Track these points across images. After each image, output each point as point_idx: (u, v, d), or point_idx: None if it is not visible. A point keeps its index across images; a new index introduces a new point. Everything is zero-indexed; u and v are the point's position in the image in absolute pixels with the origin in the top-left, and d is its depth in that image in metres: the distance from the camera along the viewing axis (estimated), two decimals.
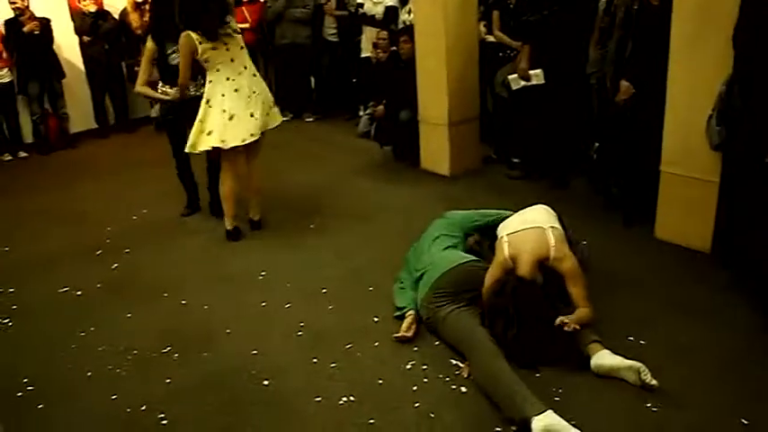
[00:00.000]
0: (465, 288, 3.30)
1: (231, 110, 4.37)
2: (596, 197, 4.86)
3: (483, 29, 6.08)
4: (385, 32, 6.98)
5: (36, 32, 7.15)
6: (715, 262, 3.88)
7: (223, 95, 4.38)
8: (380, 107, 6.41)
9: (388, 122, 6.33)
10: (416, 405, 2.83)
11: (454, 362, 3.10)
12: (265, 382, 3.06)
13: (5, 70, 7.26)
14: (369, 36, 7.38)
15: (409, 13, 6.76)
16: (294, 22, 7.82)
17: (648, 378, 2.78)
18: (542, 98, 5.12)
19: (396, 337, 3.31)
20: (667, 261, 3.96)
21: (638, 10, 4.28)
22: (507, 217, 3.56)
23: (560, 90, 4.99)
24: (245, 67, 4.50)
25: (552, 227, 3.27)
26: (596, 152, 5.08)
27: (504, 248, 3.25)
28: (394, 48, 6.68)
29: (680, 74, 3.84)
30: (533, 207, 3.52)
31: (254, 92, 4.49)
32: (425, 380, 2.99)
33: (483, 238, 3.88)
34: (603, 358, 2.93)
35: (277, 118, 4.75)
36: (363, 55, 7.55)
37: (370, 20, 7.37)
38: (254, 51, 8.42)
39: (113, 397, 3.03)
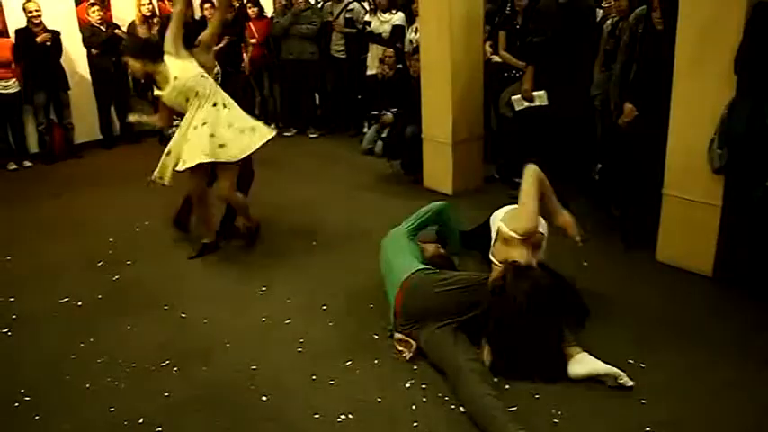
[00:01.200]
0: (419, 305, 3.30)
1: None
2: (597, 218, 4.85)
3: (489, 49, 6.13)
4: (391, 50, 7.06)
5: (48, 44, 7.22)
6: (717, 285, 3.87)
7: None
8: (388, 115, 6.44)
9: (395, 137, 6.38)
10: (415, 425, 2.81)
11: None
12: (264, 398, 3.05)
13: (13, 81, 7.30)
14: (374, 54, 7.45)
15: (416, 32, 6.81)
16: (300, 39, 7.88)
17: (625, 380, 2.91)
18: (545, 119, 5.13)
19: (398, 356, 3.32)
20: (668, 284, 3.95)
21: (642, 33, 4.31)
22: (440, 208, 3.81)
23: (563, 112, 5.01)
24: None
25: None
26: (598, 174, 5.09)
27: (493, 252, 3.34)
28: (400, 65, 6.75)
29: (683, 97, 3.86)
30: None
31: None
32: (424, 399, 2.98)
33: (445, 243, 3.94)
34: (580, 365, 2.99)
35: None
36: (369, 72, 7.60)
37: (377, 38, 7.43)
38: (260, 67, 8.52)
39: (111, 409, 3.02)
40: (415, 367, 3.22)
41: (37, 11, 7.18)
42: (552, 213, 3.47)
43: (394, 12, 7.49)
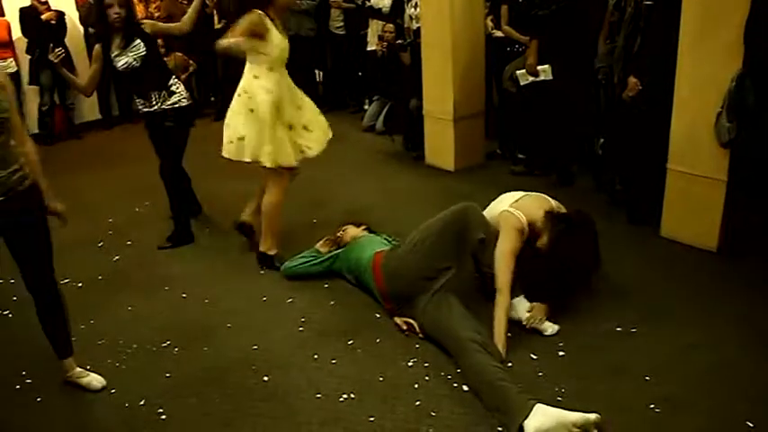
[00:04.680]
0: (401, 276, 3.35)
1: None
2: (601, 194, 4.81)
3: (490, 23, 6.05)
4: (391, 25, 6.97)
5: (53, 22, 7.15)
6: (722, 261, 3.84)
7: None
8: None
9: (397, 111, 6.34)
10: (417, 403, 2.80)
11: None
12: (265, 378, 3.04)
13: (10, 60, 7.25)
14: (375, 29, 7.35)
15: (415, 7, 6.72)
16: (299, 14, 7.76)
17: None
18: (550, 94, 5.07)
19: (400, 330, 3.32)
20: (672, 259, 3.92)
21: (647, 5, 4.22)
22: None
23: (568, 86, 4.94)
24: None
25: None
26: (602, 148, 5.04)
27: (518, 215, 3.33)
28: (400, 41, 6.68)
29: (688, 70, 3.79)
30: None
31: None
32: (427, 378, 2.96)
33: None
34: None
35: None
36: (369, 48, 7.51)
37: (377, 13, 7.33)
38: None
39: (112, 391, 3.01)
40: (417, 346, 3.20)
41: None
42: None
43: None
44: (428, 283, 3.24)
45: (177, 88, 4.35)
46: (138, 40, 4.15)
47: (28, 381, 3.13)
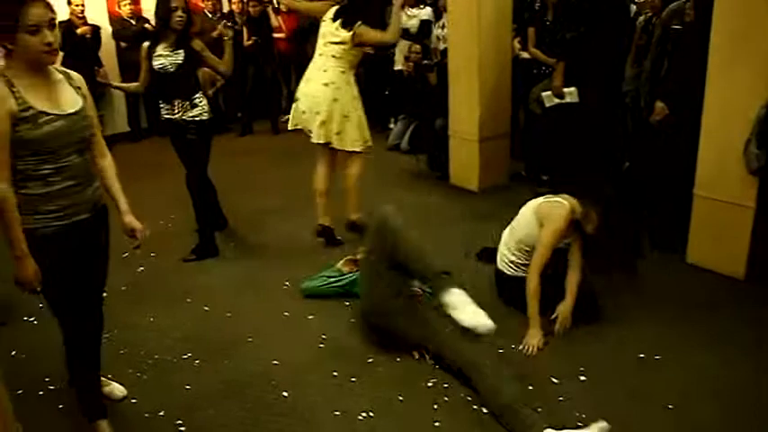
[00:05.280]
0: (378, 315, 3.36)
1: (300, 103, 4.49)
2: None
3: (517, 45, 6.07)
4: (418, 46, 7.01)
5: (88, 36, 7.28)
6: (749, 288, 3.78)
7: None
8: None
9: (423, 130, 6.37)
10: (436, 424, 2.78)
11: None
12: (285, 394, 3.04)
13: None
14: (402, 49, 7.39)
15: (443, 27, 6.76)
16: None
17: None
18: (576, 116, 5.06)
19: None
20: (698, 286, 3.87)
21: (675, 29, 4.22)
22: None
23: (594, 109, 4.93)
24: (324, 71, 4.35)
25: None
26: (627, 172, 5.00)
27: (562, 201, 3.40)
28: (426, 61, 6.72)
29: (717, 96, 3.77)
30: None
31: (314, 98, 4.38)
32: (446, 398, 2.95)
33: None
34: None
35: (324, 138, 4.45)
36: (396, 68, 7.55)
37: (405, 33, 7.38)
38: (289, 61, 8.51)
39: (133, 401, 3.03)
40: (437, 366, 3.18)
41: (81, 5, 7.25)
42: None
43: (422, 6, 7.44)
44: (396, 301, 3.26)
45: (200, 102, 4.43)
46: (182, 50, 4.28)
47: (51, 387, 3.16)
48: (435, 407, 2.89)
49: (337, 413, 2.88)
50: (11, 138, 2.23)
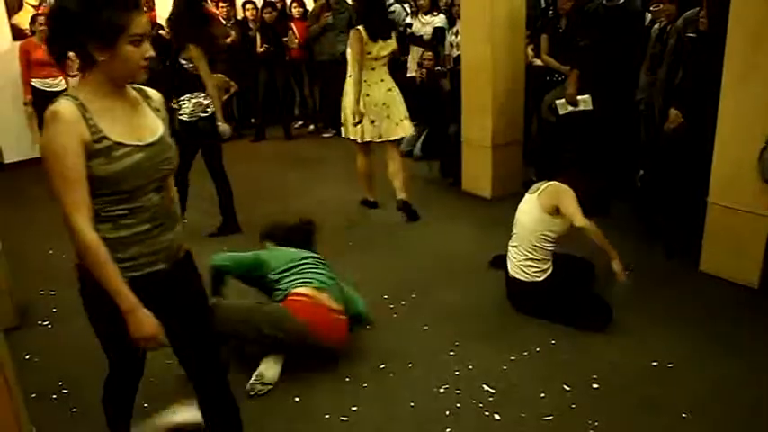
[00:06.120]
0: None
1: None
2: (638, 225, 4.75)
3: (531, 52, 6.06)
4: (430, 53, 7.03)
5: None
6: (763, 296, 3.76)
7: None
8: None
9: (435, 137, 6.38)
10: (447, 430, 2.78)
11: (486, 387, 3.05)
12: (296, 399, 3.05)
13: (60, 79, 7.47)
14: (415, 56, 7.42)
15: (456, 34, 6.78)
16: (334, 39, 7.83)
17: None
18: (589, 124, 5.05)
19: None
20: (711, 295, 3.85)
21: (690, 38, 4.21)
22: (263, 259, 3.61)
23: (608, 117, 4.92)
24: (382, 80, 5.06)
25: None
26: (641, 180, 4.99)
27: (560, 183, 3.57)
28: (438, 68, 6.73)
29: (732, 105, 3.76)
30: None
31: (384, 104, 5.08)
32: (458, 405, 2.94)
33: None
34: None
35: (398, 132, 5.26)
36: (409, 74, 7.57)
37: (419, 40, 7.41)
38: (301, 68, 8.55)
39: (145, 406, 3.04)
40: (451, 372, 3.18)
41: None
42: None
43: (435, 14, 7.46)
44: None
45: (183, 106, 4.69)
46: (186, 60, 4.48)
47: (64, 391, 3.19)
48: (447, 413, 2.89)
49: (347, 419, 2.89)
50: None
